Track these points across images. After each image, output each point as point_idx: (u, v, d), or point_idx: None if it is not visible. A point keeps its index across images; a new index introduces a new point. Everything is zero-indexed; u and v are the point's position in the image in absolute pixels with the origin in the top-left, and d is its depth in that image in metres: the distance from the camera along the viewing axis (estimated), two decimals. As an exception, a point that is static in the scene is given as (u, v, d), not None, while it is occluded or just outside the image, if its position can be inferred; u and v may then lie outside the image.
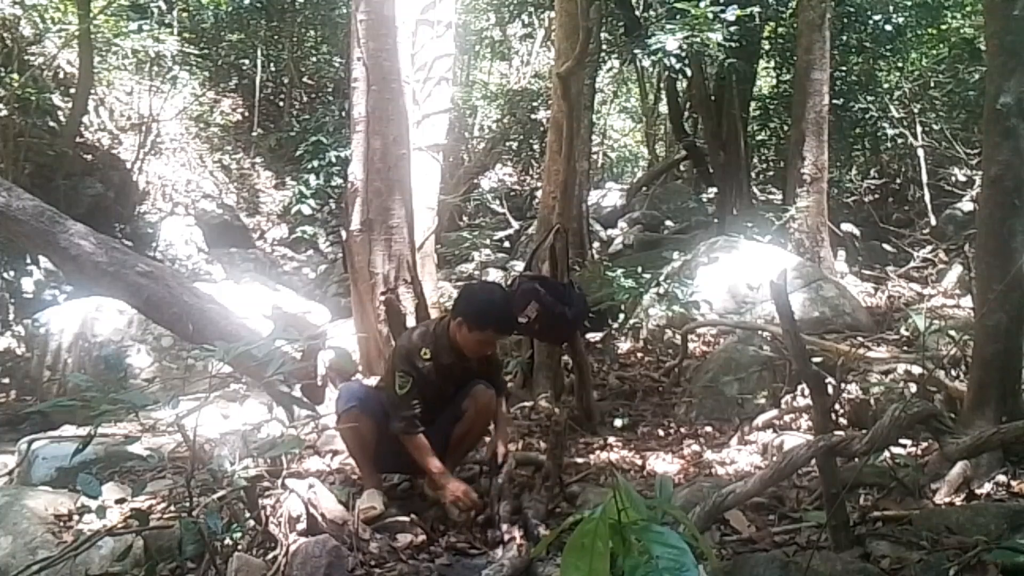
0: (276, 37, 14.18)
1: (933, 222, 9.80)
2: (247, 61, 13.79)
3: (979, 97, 8.69)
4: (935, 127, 10.37)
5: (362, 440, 3.32)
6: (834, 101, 8.51)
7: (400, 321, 5.14)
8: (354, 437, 3.32)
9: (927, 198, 10.01)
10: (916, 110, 10.18)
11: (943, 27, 10.57)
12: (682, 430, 4.72)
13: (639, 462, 4.13)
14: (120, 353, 5.48)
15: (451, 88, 6.65)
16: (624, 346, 6.18)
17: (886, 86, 10.54)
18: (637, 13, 9.75)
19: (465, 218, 12.97)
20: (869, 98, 9.99)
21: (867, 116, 10.05)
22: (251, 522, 2.82)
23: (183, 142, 11.77)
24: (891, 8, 9.65)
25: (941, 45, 10.86)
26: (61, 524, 3.09)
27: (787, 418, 4.48)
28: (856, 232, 9.88)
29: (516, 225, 12.12)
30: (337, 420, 3.33)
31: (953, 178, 10.77)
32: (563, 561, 1.21)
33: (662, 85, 13.83)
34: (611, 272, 6.29)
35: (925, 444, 3.67)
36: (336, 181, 10.80)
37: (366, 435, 3.30)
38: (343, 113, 11.49)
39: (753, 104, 11.21)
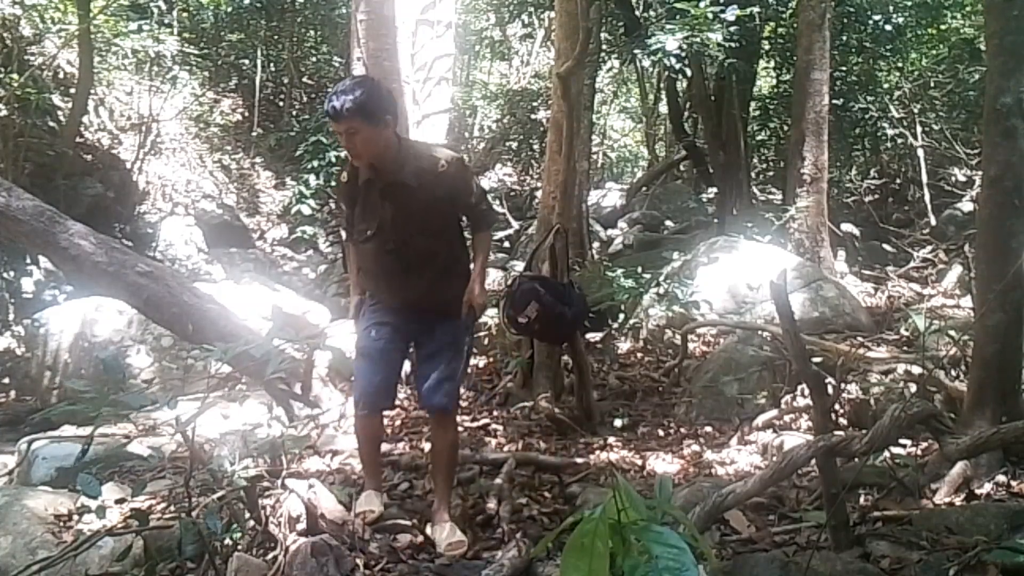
0: (276, 37, 14.18)
1: (933, 222, 9.82)
2: (247, 61, 13.79)
3: (979, 97, 8.70)
4: (935, 127, 10.38)
5: (374, 441, 3.24)
6: (834, 101, 8.52)
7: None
8: (367, 435, 3.21)
9: (927, 198, 10.02)
10: (916, 110, 10.19)
11: (943, 27, 10.58)
12: (682, 430, 4.72)
13: (639, 462, 4.13)
14: (119, 354, 5.48)
15: (451, 88, 6.65)
16: (624, 346, 6.18)
17: (886, 86, 10.55)
18: (637, 13, 9.76)
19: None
20: (869, 98, 9.99)
21: (867, 116, 10.06)
22: (251, 522, 2.82)
23: (183, 142, 11.77)
24: (891, 8, 9.66)
25: (941, 45, 10.87)
26: (61, 524, 3.09)
27: (787, 418, 4.49)
28: (856, 232, 9.89)
29: (516, 225, 12.11)
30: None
31: (953, 178, 10.78)
32: (563, 561, 1.21)
33: (662, 85, 13.83)
34: (611, 272, 6.30)
35: (925, 444, 3.67)
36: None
37: (379, 436, 3.26)
38: (343, 113, 11.47)
39: (753, 104, 11.22)
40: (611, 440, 4.48)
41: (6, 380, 6.23)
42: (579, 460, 4.08)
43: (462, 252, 3.19)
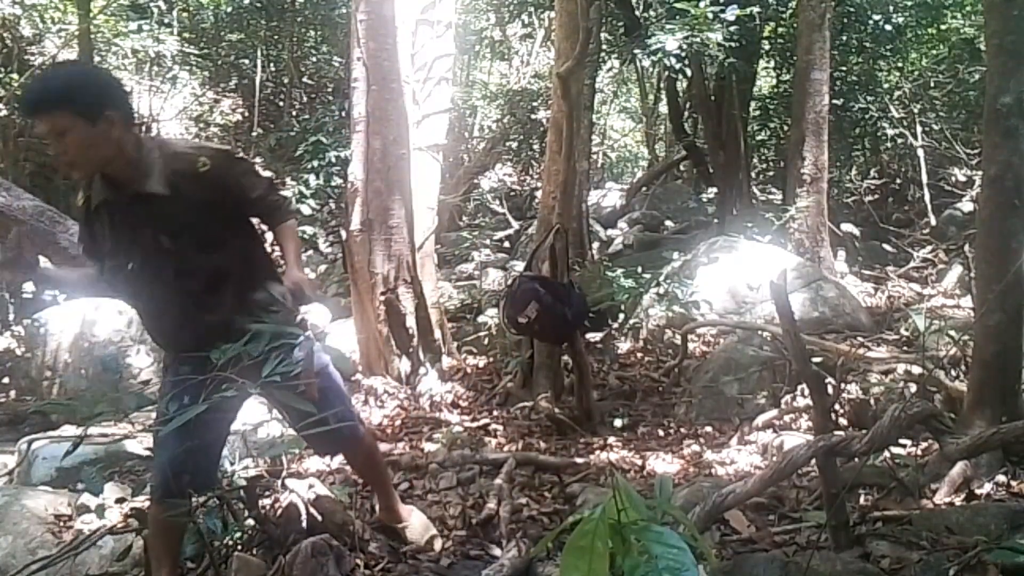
0: (276, 37, 14.18)
1: (933, 222, 9.82)
2: (247, 61, 13.79)
3: (979, 97, 8.71)
4: (935, 127, 10.38)
5: (167, 541, 2.47)
6: (834, 101, 8.52)
7: (400, 321, 5.15)
8: (158, 536, 2.48)
9: (927, 198, 10.03)
10: (916, 110, 10.19)
11: (943, 27, 10.58)
12: (682, 430, 4.72)
13: (639, 462, 4.13)
14: (119, 354, 5.48)
15: (451, 88, 6.65)
16: (624, 346, 6.18)
17: (886, 86, 10.55)
18: (637, 13, 9.75)
19: (465, 218, 12.97)
20: (869, 98, 10.00)
21: (867, 116, 10.06)
22: (251, 522, 2.82)
23: (183, 142, 11.78)
24: (891, 8, 9.66)
25: (941, 45, 10.88)
26: (61, 524, 3.09)
27: (787, 418, 4.48)
28: (856, 232, 9.89)
29: (516, 225, 12.11)
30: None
31: (953, 178, 10.79)
32: (562, 561, 1.21)
33: (662, 85, 13.82)
34: (611, 272, 6.29)
35: (925, 444, 3.67)
36: (336, 181, 10.81)
37: (173, 539, 2.48)
38: (343, 113, 11.49)
39: (753, 104, 11.21)
40: (611, 440, 4.48)
41: (6, 380, 6.23)
42: (579, 460, 4.08)
43: (266, 264, 2.50)
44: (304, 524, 2.90)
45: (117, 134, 2.16)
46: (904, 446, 3.63)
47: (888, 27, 9.51)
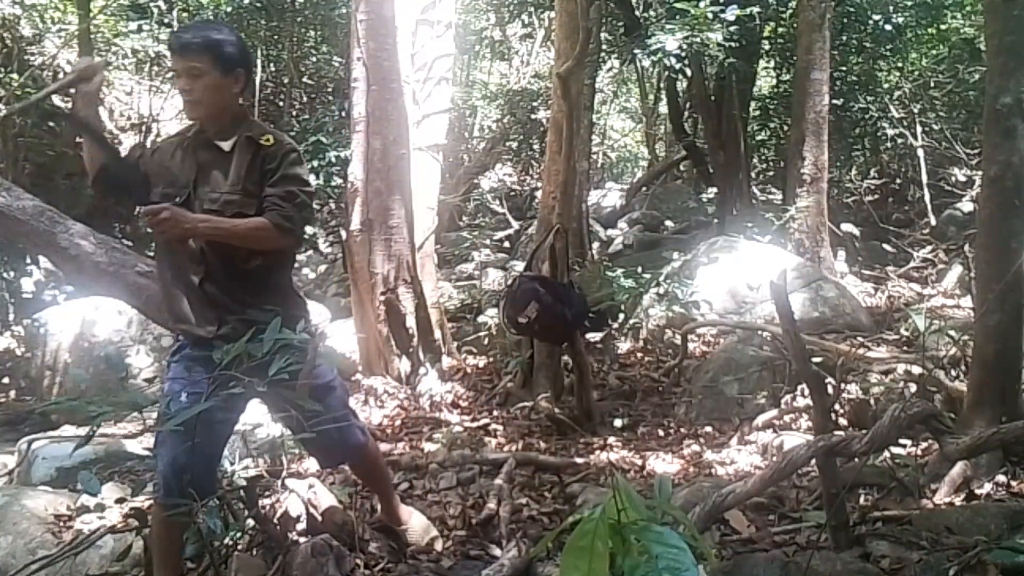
0: (276, 37, 14.17)
1: (933, 222, 9.82)
2: (247, 61, 13.79)
3: (979, 97, 8.70)
4: (935, 127, 10.38)
5: (169, 540, 2.49)
6: (834, 101, 8.52)
7: (400, 321, 5.15)
8: (161, 535, 2.51)
9: (927, 198, 10.02)
10: (916, 110, 10.19)
11: (943, 27, 10.58)
12: (682, 430, 4.72)
13: (639, 462, 4.13)
14: (119, 353, 5.49)
15: (451, 88, 6.65)
16: (624, 346, 6.18)
17: (886, 86, 10.55)
18: (637, 13, 9.75)
19: (465, 218, 12.96)
20: (869, 98, 10.00)
21: (867, 116, 10.06)
22: (251, 522, 2.82)
23: (183, 142, 11.75)
24: (891, 8, 9.65)
25: (941, 45, 10.87)
26: (61, 524, 3.09)
27: (787, 418, 4.48)
28: (856, 232, 9.88)
29: (516, 225, 12.10)
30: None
31: (953, 178, 10.78)
32: (562, 561, 1.21)
33: (662, 85, 13.82)
34: (611, 272, 6.30)
35: (925, 444, 3.67)
36: (336, 181, 10.80)
37: (175, 539, 2.50)
38: (343, 113, 11.48)
39: (753, 104, 11.21)
40: (611, 440, 4.48)
41: (6, 380, 6.23)
42: (579, 460, 4.08)
43: (285, 274, 2.58)
44: (304, 524, 2.90)
45: (236, 91, 2.46)
46: (904, 446, 3.63)
47: (888, 27, 9.50)
